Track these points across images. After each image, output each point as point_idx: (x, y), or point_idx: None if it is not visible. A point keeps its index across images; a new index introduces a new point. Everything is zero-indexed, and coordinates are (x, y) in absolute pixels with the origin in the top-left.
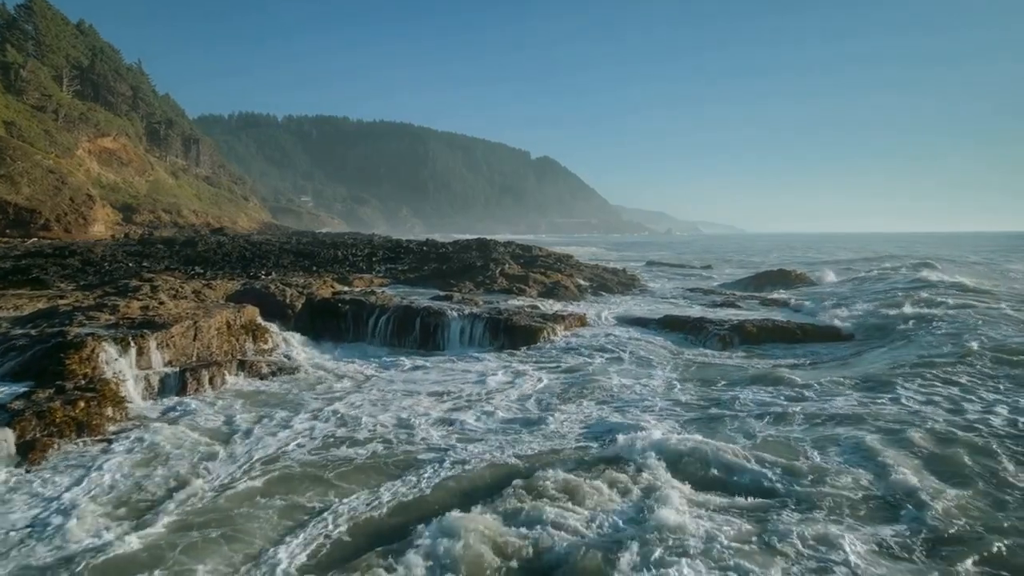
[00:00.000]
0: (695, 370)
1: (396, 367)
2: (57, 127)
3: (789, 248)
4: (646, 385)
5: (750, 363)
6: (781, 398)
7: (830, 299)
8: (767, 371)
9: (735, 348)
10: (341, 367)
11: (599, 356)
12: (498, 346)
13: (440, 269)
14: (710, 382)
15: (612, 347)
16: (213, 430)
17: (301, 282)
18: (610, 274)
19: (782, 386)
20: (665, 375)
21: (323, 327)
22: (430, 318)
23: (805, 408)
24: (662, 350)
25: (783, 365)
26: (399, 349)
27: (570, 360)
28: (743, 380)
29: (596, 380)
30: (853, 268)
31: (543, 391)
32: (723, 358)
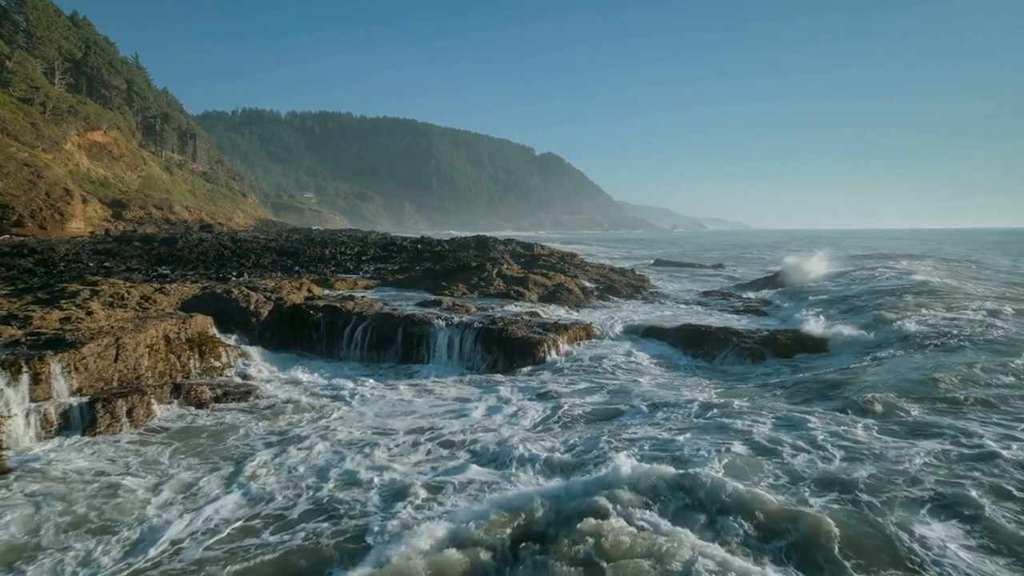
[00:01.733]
0: (743, 408)
1: (370, 390)
2: (45, 120)
3: (798, 245)
4: (683, 430)
5: (806, 386)
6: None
7: (840, 304)
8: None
9: (766, 363)
10: (306, 389)
11: (610, 379)
12: (491, 362)
13: (432, 270)
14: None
15: (626, 368)
16: (90, 496)
17: (271, 285)
18: (617, 275)
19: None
20: (702, 418)
21: (293, 338)
22: (414, 328)
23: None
24: (688, 375)
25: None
26: (378, 364)
27: (575, 385)
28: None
29: (610, 424)
30: (867, 267)
31: (539, 436)
32: (764, 380)
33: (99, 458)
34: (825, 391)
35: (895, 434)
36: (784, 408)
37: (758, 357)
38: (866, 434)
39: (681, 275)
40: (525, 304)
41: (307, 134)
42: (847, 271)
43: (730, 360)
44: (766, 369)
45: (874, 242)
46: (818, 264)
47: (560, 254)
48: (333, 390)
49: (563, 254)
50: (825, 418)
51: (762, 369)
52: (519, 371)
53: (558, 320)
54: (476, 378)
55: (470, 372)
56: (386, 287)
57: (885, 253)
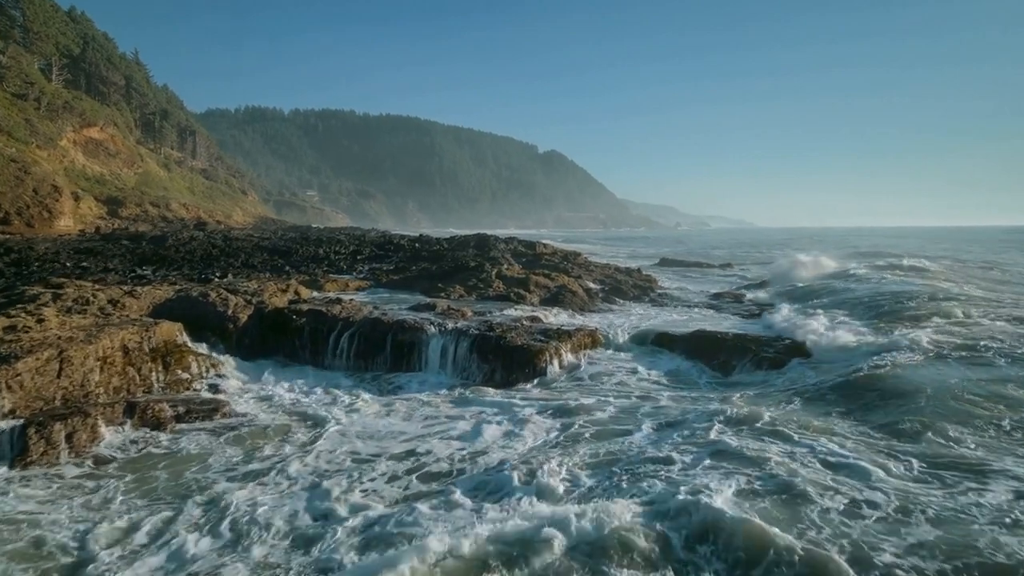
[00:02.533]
0: (767, 430)
1: (354, 405)
2: (39, 116)
3: (807, 243)
4: (701, 460)
5: (834, 402)
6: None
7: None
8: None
9: (786, 372)
10: (282, 406)
11: (618, 394)
12: (487, 372)
13: (429, 270)
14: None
15: (634, 381)
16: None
17: (254, 287)
18: (623, 275)
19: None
20: (722, 446)
21: (275, 345)
22: (404, 335)
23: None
24: (703, 389)
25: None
26: (365, 373)
27: (579, 400)
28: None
29: (618, 452)
30: (882, 268)
31: (537, 464)
32: (787, 395)
33: (24, 499)
34: (860, 412)
35: (946, 476)
36: (815, 434)
37: (778, 367)
38: (915, 475)
39: (689, 275)
40: (526, 307)
41: (310, 132)
42: (861, 272)
43: (747, 369)
44: (788, 381)
45: (882, 240)
46: (831, 264)
47: (563, 253)
48: (312, 406)
49: (566, 253)
50: (864, 449)
51: (783, 381)
52: (518, 383)
53: (561, 326)
54: (471, 391)
55: (465, 383)
56: (380, 288)
57: (898, 253)
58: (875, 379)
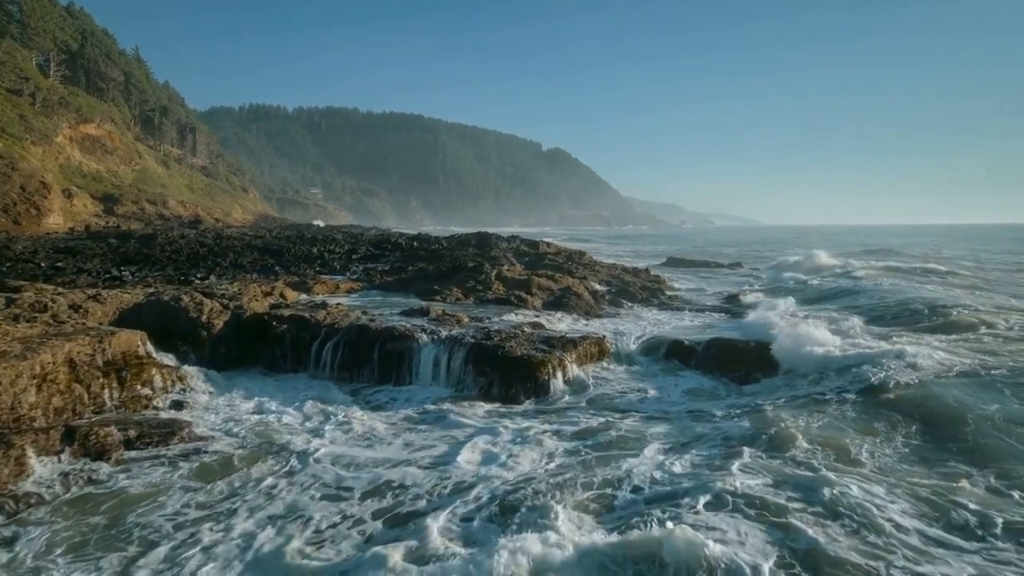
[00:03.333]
0: (802, 461)
1: (332, 427)
2: (34, 112)
3: (817, 242)
4: (723, 505)
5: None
6: None
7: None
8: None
9: (822, 384)
10: (251, 427)
11: (627, 413)
12: (483, 386)
13: (426, 271)
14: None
15: (646, 396)
16: None
17: (233, 290)
18: (630, 275)
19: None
20: (748, 488)
21: (254, 354)
22: (393, 344)
23: None
24: (725, 407)
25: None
26: (350, 386)
27: (584, 421)
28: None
29: (626, 489)
30: (902, 271)
31: (530, 502)
32: (822, 417)
33: None
34: (919, 441)
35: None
36: (847, 471)
37: (807, 379)
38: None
39: (698, 275)
40: (527, 312)
41: (314, 129)
42: (879, 273)
43: (772, 383)
44: (819, 396)
45: (893, 240)
46: (855, 264)
47: (567, 253)
48: (286, 426)
49: (570, 252)
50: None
51: (813, 396)
52: (518, 399)
53: (565, 334)
54: (464, 407)
55: (458, 398)
56: (373, 290)
57: (918, 253)
58: (923, 399)
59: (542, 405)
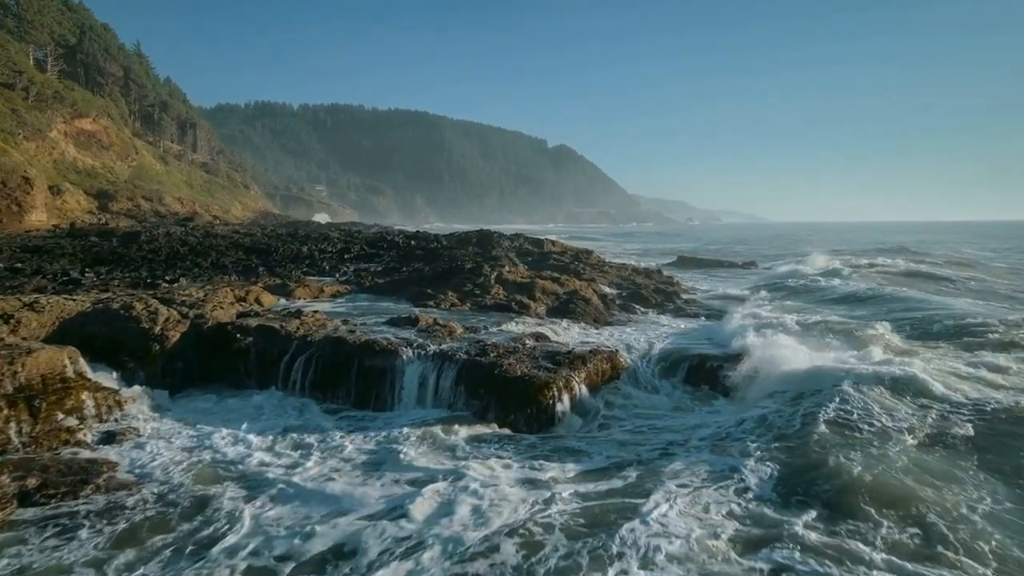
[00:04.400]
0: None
1: (288, 468)
2: (27, 106)
3: (834, 240)
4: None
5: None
6: None
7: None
8: None
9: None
10: (190, 468)
11: (646, 448)
12: (478, 410)
13: (420, 272)
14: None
15: (666, 426)
16: None
17: (198, 296)
18: (642, 277)
19: None
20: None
21: (217, 370)
22: (374, 360)
23: None
24: (767, 452)
25: None
26: (323, 407)
27: (588, 460)
28: None
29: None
30: (930, 274)
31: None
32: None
33: None
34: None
35: None
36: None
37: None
38: None
39: (712, 276)
40: (530, 320)
41: (319, 127)
42: (911, 278)
43: (822, 415)
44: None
45: (905, 237)
46: (887, 263)
47: (574, 252)
48: (232, 465)
49: (577, 252)
50: None
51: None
52: (517, 427)
53: (572, 348)
54: (449, 440)
55: (447, 425)
56: (361, 294)
57: (936, 255)
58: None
59: (544, 435)
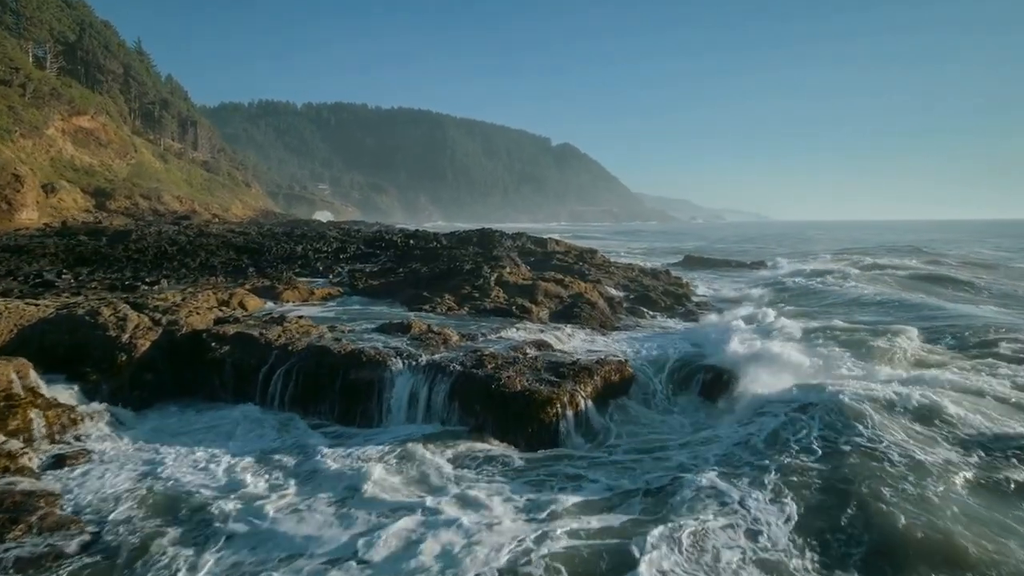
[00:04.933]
0: None
1: (256, 495)
2: (24, 103)
3: (846, 239)
4: None
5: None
6: None
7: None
8: None
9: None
10: (144, 500)
11: (659, 473)
12: (474, 428)
13: (417, 274)
14: None
15: (682, 448)
16: None
17: (174, 300)
18: (650, 278)
19: None
20: None
21: (191, 382)
22: (360, 372)
23: None
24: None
25: None
26: (304, 423)
27: (593, 489)
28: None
29: None
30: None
31: None
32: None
33: None
34: None
35: None
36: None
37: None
38: None
39: (721, 276)
40: (531, 326)
41: (322, 125)
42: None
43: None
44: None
45: (915, 236)
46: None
47: (578, 251)
48: (193, 495)
49: (581, 251)
50: None
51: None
52: (516, 447)
53: (577, 358)
54: (435, 461)
55: (438, 444)
56: (354, 296)
57: (950, 255)
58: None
59: (545, 452)
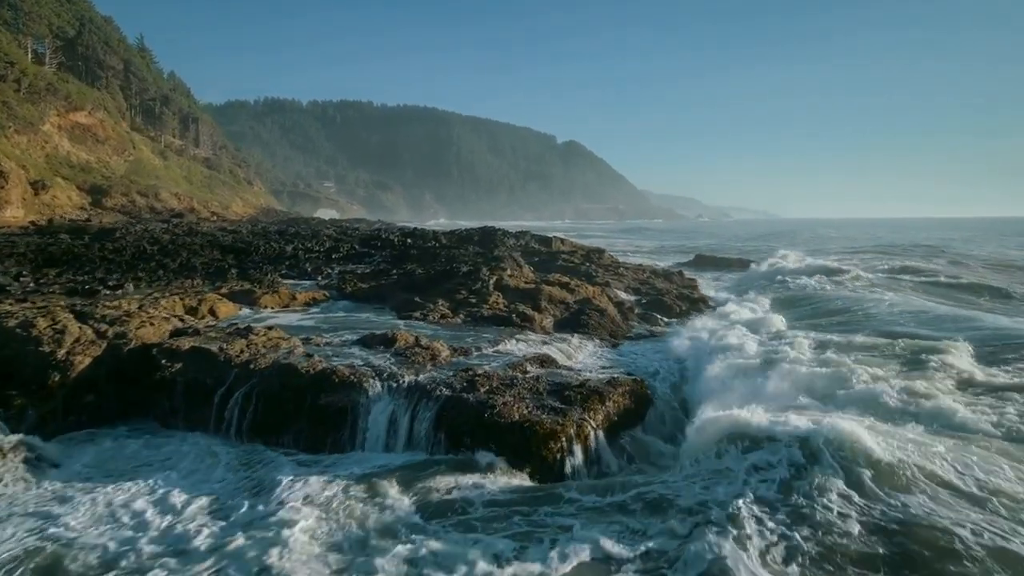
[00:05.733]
0: None
1: (176, 550)
2: (19, 98)
3: (865, 239)
4: None
5: None
6: None
7: None
8: None
9: None
10: (55, 557)
11: (683, 526)
12: (460, 464)
13: (411, 275)
14: None
15: (710, 503)
16: None
17: (126, 309)
18: (662, 280)
19: None
20: None
21: (138, 405)
22: (331, 395)
23: None
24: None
25: None
26: (266, 454)
27: (605, 543)
28: None
29: None
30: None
31: None
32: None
33: None
34: None
35: None
36: None
37: None
38: None
39: (735, 277)
40: (533, 336)
41: (328, 123)
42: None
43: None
44: None
45: (932, 234)
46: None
47: (585, 251)
48: (99, 562)
49: (588, 251)
50: None
51: None
52: (513, 485)
53: (586, 379)
54: (397, 513)
55: (423, 478)
56: (341, 301)
57: (982, 258)
58: None
59: (544, 494)
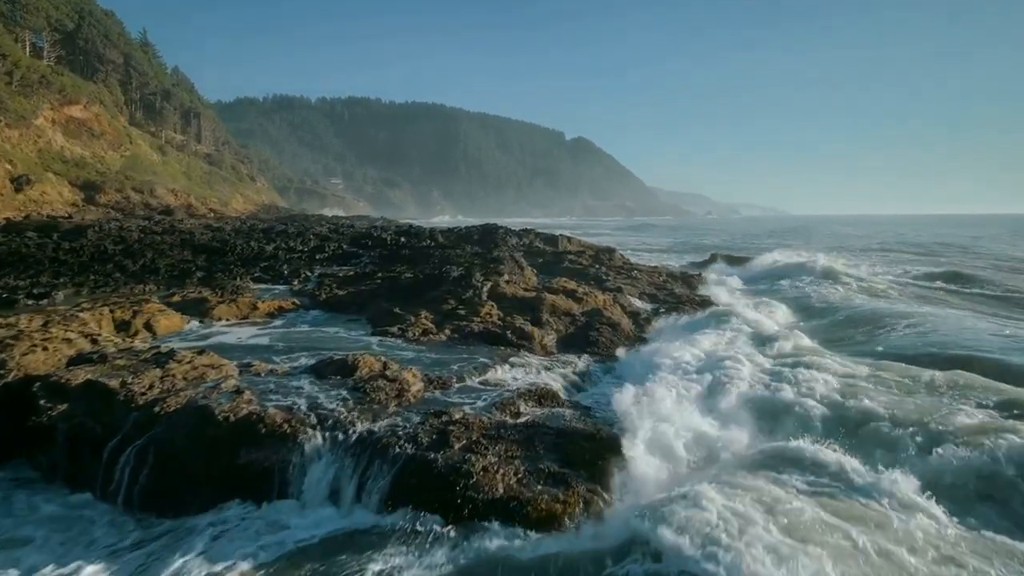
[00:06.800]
0: None
1: None
2: (11, 91)
3: (862, 232)
4: None
5: None
6: None
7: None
8: None
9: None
10: None
11: None
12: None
13: (396, 280)
14: None
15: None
16: None
17: (19, 328)
18: (680, 284)
19: None
20: None
21: (13, 453)
22: (256, 451)
23: None
24: None
25: None
26: (160, 529)
27: None
28: None
29: None
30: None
31: None
32: None
33: None
34: None
35: None
36: None
37: None
38: None
39: (755, 277)
40: (531, 360)
41: (336, 120)
42: None
43: None
44: None
45: (946, 231)
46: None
47: (594, 251)
48: None
49: (598, 251)
50: None
51: None
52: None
53: (598, 429)
54: None
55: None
56: (313, 310)
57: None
58: None
59: None
